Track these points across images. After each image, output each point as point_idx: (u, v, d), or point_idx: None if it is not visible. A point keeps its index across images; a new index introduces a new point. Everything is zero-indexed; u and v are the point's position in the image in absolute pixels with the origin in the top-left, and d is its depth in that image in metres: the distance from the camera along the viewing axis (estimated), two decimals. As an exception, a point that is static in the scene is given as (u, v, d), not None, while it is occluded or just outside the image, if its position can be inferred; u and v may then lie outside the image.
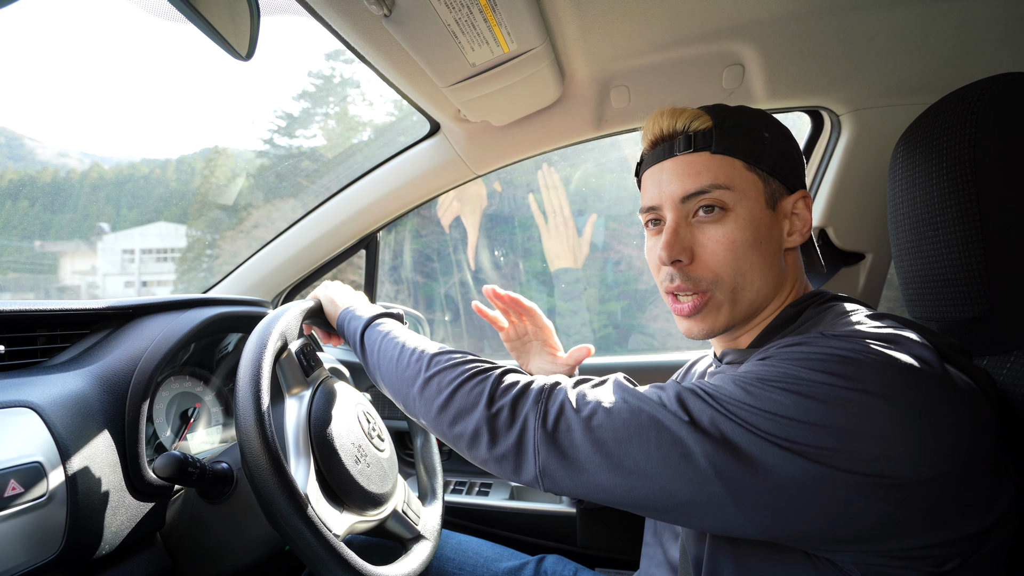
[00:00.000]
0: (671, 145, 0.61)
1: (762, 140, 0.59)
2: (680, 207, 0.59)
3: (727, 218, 0.58)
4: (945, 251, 0.56)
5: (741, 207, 0.58)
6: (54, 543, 0.58)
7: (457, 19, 0.67)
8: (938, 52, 0.84)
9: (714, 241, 0.58)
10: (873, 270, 1.05)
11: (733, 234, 0.57)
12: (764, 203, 0.59)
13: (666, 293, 0.63)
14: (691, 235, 0.59)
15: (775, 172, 0.59)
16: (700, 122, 0.60)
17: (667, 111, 0.62)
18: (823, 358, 0.43)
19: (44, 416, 0.61)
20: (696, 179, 0.58)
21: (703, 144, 0.59)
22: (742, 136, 0.59)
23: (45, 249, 2.73)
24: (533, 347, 0.89)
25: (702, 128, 0.59)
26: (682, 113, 0.61)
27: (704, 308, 0.59)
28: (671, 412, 0.45)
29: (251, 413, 0.56)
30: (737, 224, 0.57)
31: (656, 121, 0.62)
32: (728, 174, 0.58)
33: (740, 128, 0.59)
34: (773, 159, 0.59)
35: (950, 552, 0.41)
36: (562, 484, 0.49)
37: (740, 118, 0.60)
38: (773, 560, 0.48)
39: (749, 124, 0.60)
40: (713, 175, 0.58)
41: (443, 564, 0.91)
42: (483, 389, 0.54)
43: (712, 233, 0.58)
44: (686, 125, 0.60)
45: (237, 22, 0.61)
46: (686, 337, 0.63)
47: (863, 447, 0.39)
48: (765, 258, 0.59)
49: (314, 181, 2.10)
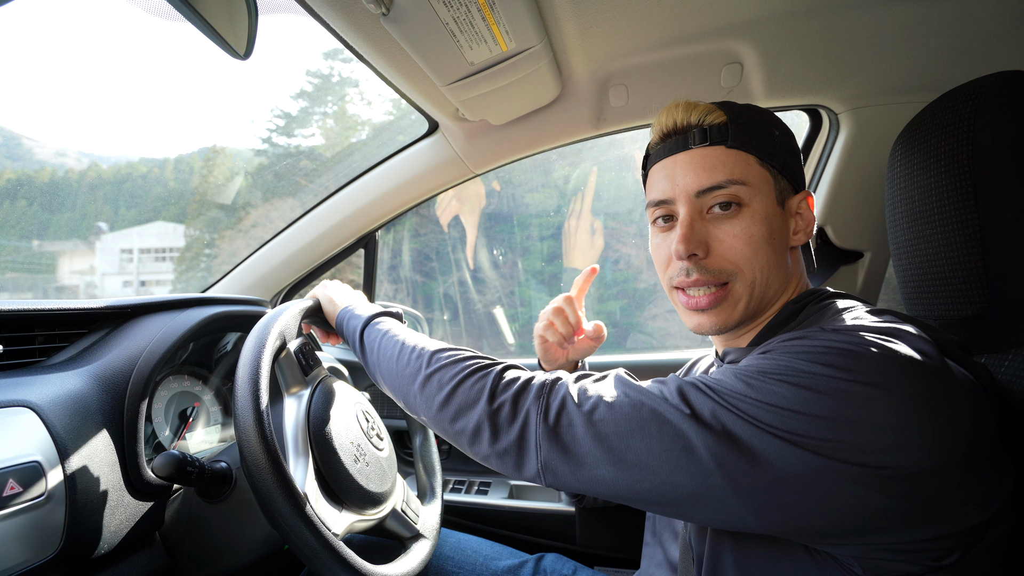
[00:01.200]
0: (685, 138, 0.60)
1: (773, 137, 0.59)
2: (695, 201, 0.59)
3: (743, 213, 0.57)
4: (943, 249, 0.56)
5: (756, 202, 0.57)
6: (53, 542, 0.58)
7: (455, 18, 0.67)
8: (936, 50, 0.85)
9: (731, 236, 0.57)
10: (871, 268, 1.06)
11: (750, 228, 0.57)
12: (775, 200, 0.59)
13: (676, 288, 0.62)
14: (706, 230, 0.59)
15: (784, 170, 0.60)
16: (715, 116, 0.59)
17: (682, 104, 0.61)
18: (823, 351, 0.43)
19: (43, 416, 0.61)
20: (712, 173, 0.57)
21: (719, 138, 0.58)
22: (755, 132, 0.59)
23: (43, 249, 2.73)
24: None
25: (717, 122, 0.59)
26: (696, 107, 0.60)
27: (724, 301, 0.58)
28: (672, 405, 0.46)
29: (250, 412, 0.56)
30: (753, 219, 0.57)
31: (670, 113, 0.61)
32: (743, 169, 0.57)
33: (753, 124, 0.59)
34: (783, 157, 0.59)
35: (949, 545, 0.41)
36: (564, 479, 0.49)
37: (752, 115, 0.60)
38: (774, 555, 0.48)
39: (760, 121, 0.60)
40: (729, 170, 0.57)
41: (442, 563, 0.91)
42: (484, 385, 0.54)
43: (728, 228, 0.57)
44: (701, 119, 0.59)
45: (235, 21, 0.61)
46: (693, 332, 0.62)
47: (863, 438, 0.39)
48: (778, 255, 0.59)
49: (312, 180, 2.10)
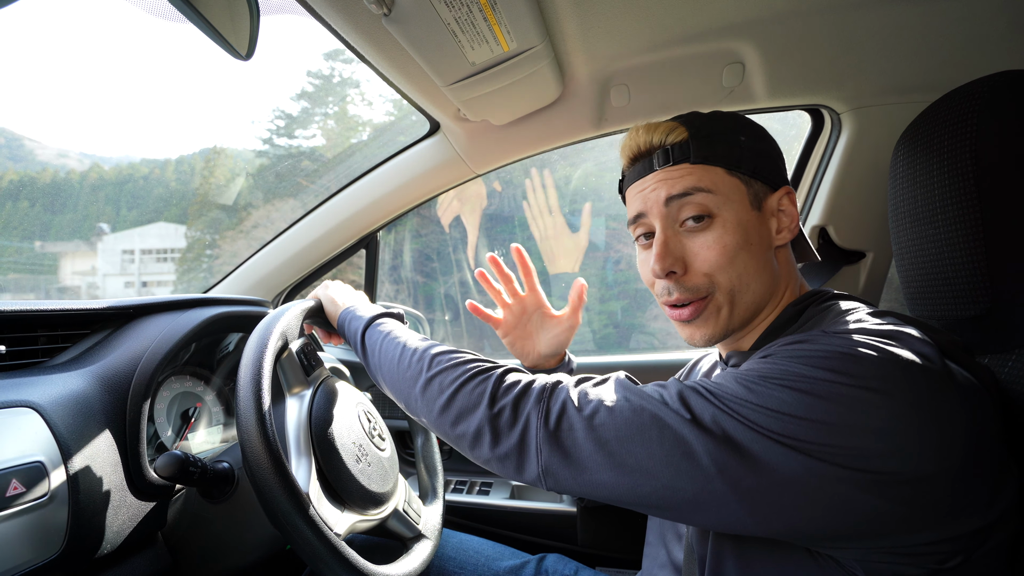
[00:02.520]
0: (650, 160, 0.62)
1: (739, 144, 0.60)
2: (665, 211, 0.60)
3: (714, 224, 0.58)
4: (946, 249, 0.56)
5: (727, 211, 0.58)
6: (56, 542, 0.58)
7: (457, 18, 0.67)
8: (939, 50, 0.84)
9: (705, 247, 0.58)
10: (874, 269, 1.05)
11: (723, 238, 0.58)
12: (749, 205, 0.59)
13: (664, 304, 0.63)
14: (681, 245, 0.60)
15: (756, 174, 0.60)
16: (676, 134, 0.60)
17: (642, 127, 0.63)
18: (824, 355, 0.43)
19: (45, 416, 0.61)
20: (678, 183, 0.59)
21: (681, 156, 0.59)
22: (719, 143, 0.59)
23: (45, 250, 2.73)
24: (534, 322, 0.85)
25: (678, 140, 0.60)
26: (657, 127, 0.62)
27: (704, 311, 0.59)
28: (673, 410, 0.46)
29: (252, 412, 0.56)
30: (725, 228, 0.58)
31: (632, 138, 0.63)
32: (711, 179, 0.58)
33: (715, 136, 0.60)
34: (752, 161, 0.60)
35: (952, 549, 0.41)
36: (565, 483, 0.49)
37: (714, 125, 0.61)
38: (776, 558, 0.48)
39: (724, 130, 0.61)
40: (696, 179, 0.58)
41: (444, 563, 0.91)
42: (485, 389, 0.54)
43: (702, 240, 0.58)
44: (663, 139, 0.61)
45: (237, 22, 0.61)
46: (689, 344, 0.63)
47: (864, 443, 0.39)
48: (757, 259, 0.59)
49: (314, 181, 2.10)
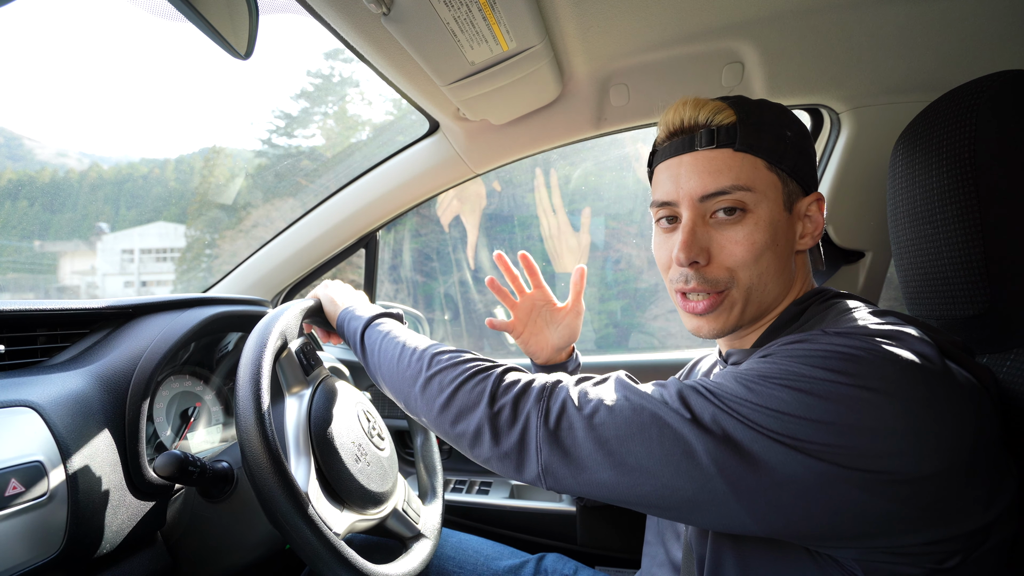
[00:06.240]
0: (692, 138, 0.58)
1: (784, 139, 0.57)
2: (698, 206, 0.57)
3: (746, 219, 0.56)
4: (945, 249, 0.56)
5: (761, 208, 0.56)
6: (55, 542, 0.58)
7: (456, 17, 0.67)
8: (938, 49, 0.84)
9: (733, 242, 0.56)
10: (873, 268, 1.05)
11: (752, 235, 0.55)
12: (782, 205, 0.57)
13: (676, 292, 0.61)
14: (708, 235, 0.57)
15: (794, 173, 0.57)
16: (724, 116, 0.57)
17: (690, 101, 0.59)
18: (824, 355, 0.43)
19: (44, 415, 0.61)
20: (717, 178, 0.56)
21: (726, 140, 0.56)
22: (766, 134, 0.56)
23: (44, 249, 2.73)
24: (543, 317, 0.89)
25: (726, 123, 0.56)
26: (705, 105, 0.58)
27: (719, 307, 0.58)
28: (673, 409, 0.45)
29: (251, 412, 0.56)
30: (757, 226, 0.56)
31: (677, 111, 0.59)
32: (750, 174, 0.56)
33: (764, 125, 0.56)
34: (794, 159, 0.57)
35: (952, 548, 0.41)
36: (564, 482, 0.49)
37: (764, 114, 0.57)
38: (776, 557, 0.48)
39: (772, 121, 0.57)
40: (735, 175, 0.55)
41: (443, 563, 0.91)
42: (484, 388, 0.54)
43: (731, 234, 0.56)
44: (709, 118, 0.57)
45: (236, 21, 0.61)
46: (693, 335, 0.62)
47: (864, 443, 0.39)
48: (780, 260, 0.58)
49: (313, 180, 2.10)
